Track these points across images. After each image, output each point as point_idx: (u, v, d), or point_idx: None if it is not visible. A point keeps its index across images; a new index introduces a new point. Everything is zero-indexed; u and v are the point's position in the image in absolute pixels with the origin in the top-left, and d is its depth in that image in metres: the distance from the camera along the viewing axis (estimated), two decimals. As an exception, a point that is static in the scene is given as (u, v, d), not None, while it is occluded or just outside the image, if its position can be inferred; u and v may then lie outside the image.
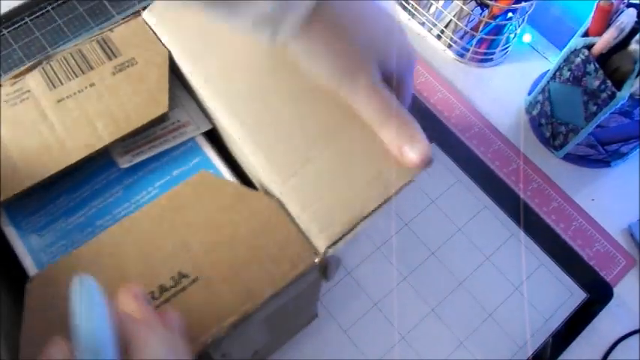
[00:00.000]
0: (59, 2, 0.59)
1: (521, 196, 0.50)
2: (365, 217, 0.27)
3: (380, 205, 0.27)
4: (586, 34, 0.45)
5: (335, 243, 0.27)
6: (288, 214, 0.28)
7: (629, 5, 0.44)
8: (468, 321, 0.45)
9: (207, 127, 0.32)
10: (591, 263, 0.47)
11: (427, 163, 0.28)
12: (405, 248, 0.47)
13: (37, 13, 0.57)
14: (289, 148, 0.29)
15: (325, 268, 0.29)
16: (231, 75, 0.31)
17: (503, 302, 0.45)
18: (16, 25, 0.56)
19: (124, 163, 0.30)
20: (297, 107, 0.29)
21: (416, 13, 0.59)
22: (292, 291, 0.28)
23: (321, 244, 0.27)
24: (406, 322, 0.44)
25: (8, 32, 0.56)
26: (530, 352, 0.43)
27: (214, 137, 0.33)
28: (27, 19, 0.57)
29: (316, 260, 0.27)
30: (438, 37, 0.59)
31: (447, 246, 0.47)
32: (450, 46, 0.58)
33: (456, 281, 0.46)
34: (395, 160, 0.28)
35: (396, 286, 0.45)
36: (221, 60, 0.31)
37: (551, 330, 0.44)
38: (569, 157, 0.52)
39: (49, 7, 0.57)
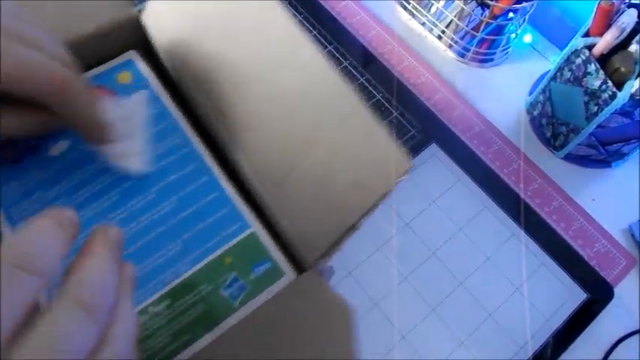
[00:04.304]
0: (60, 2, 0.59)
1: (522, 196, 0.50)
2: (350, 229, 0.26)
3: (362, 216, 0.26)
4: (587, 35, 0.45)
5: (323, 256, 0.27)
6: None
7: (630, 5, 0.44)
8: (469, 321, 0.45)
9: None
10: (592, 263, 0.47)
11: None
12: (405, 248, 0.47)
13: (38, 13, 0.57)
14: (273, 155, 0.28)
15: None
16: (217, 76, 0.31)
17: (504, 302, 0.45)
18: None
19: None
20: (277, 110, 0.29)
21: (416, 13, 0.59)
22: None
23: (310, 257, 0.27)
24: (406, 322, 0.44)
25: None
26: (530, 352, 0.43)
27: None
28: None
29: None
30: (439, 37, 0.59)
31: (448, 246, 0.47)
32: (450, 47, 0.58)
33: (457, 281, 0.46)
34: (370, 169, 0.27)
35: (397, 286, 0.45)
36: (209, 60, 0.31)
37: (552, 330, 0.44)
38: (569, 158, 0.52)
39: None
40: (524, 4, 0.51)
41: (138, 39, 0.35)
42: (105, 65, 0.34)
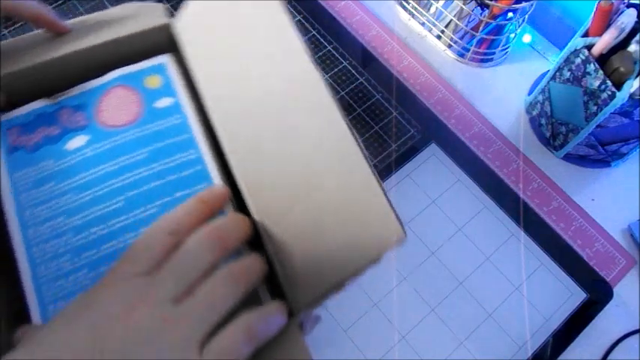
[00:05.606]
0: (59, 2, 0.59)
1: (521, 196, 0.50)
2: (334, 288, 0.26)
3: (347, 279, 0.26)
4: (586, 35, 0.45)
5: (305, 308, 0.26)
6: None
7: (629, 5, 0.44)
8: (468, 321, 0.45)
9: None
10: (591, 263, 0.47)
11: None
12: (405, 248, 0.47)
13: (38, 13, 0.57)
14: (275, 193, 0.28)
15: (302, 325, 0.28)
16: (232, 102, 0.30)
17: (504, 302, 0.45)
18: (16, 25, 0.56)
19: None
20: (285, 149, 0.28)
21: (416, 13, 0.59)
22: None
23: (296, 304, 0.27)
24: (406, 322, 0.44)
25: (9, 32, 0.56)
26: (530, 352, 0.44)
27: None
28: (27, 19, 0.57)
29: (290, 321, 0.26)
30: (438, 37, 0.59)
31: (447, 246, 0.47)
32: (450, 46, 0.58)
33: (456, 281, 0.46)
34: (363, 232, 0.26)
35: (396, 286, 0.45)
36: (232, 86, 0.31)
37: (552, 330, 0.44)
38: (569, 157, 0.52)
39: (50, 7, 0.57)
40: (524, 4, 0.51)
41: (173, 44, 0.34)
42: (135, 65, 0.32)
